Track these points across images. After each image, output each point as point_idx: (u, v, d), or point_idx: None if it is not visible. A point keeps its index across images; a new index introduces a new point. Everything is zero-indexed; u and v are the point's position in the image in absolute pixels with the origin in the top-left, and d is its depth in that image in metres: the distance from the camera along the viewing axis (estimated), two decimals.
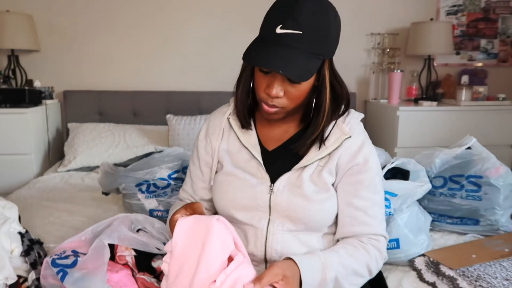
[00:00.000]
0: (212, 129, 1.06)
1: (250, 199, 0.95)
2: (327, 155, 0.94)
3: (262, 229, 0.95)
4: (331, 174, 0.94)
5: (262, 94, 0.90)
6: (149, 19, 2.80)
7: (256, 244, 0.95)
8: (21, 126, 2.36)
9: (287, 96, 0.88)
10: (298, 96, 0.89)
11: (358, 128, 0.97)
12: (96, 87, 2.80)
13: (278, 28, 0.82)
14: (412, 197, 1.36)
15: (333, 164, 0.94)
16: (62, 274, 0.99)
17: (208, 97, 2.78)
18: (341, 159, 0.95)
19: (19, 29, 2.49)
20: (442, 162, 1.57)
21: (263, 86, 0.89)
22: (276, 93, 0.86)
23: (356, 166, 0.94)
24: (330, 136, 0.94)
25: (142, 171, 1.59)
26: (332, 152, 0.94)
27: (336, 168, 0.95)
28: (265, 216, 0.95)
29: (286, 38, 0.81)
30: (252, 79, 0.96)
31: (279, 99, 0.88)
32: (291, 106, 0.90)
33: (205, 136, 1.07)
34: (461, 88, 2.70)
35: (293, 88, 0.87)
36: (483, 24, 3.05)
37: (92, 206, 1.78)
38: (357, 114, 0.99)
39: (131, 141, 2.49)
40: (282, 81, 0.86)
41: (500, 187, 1.47)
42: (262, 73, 0.89)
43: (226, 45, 2.86)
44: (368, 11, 2.94)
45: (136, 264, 1.12)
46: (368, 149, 0.96)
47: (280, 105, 0.89)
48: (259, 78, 0.90)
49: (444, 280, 1.18)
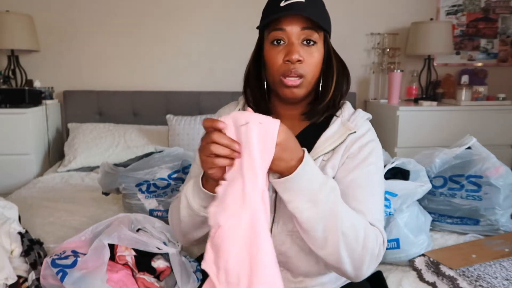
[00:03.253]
0: None
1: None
2: (331, 150, 0.93)
3: None
4: (334, 169, 0.93)
5: (280, 68, 0.90)
6: (149, 19, 2.80)
7: None
8: (21, 126, 2.36)
9: (305, 63, 0.89)
10: (314, 63, 0.91)
11: (364, 125, 0.97)
12: (96, 87, 2.80)
13: (282, 3, 0.87)
14: (412, 197, 1.36)
15: (337, 159, 0.92)
16: (62, 274, 0.99)
17: (208, 97, 2.78)
18: (343, 153, 0.93)
19: (19, 29, 2.49)
20: (442, 162, 1.57)
21: (280, 58, 0.89)
22: (297, 56, 0.87)
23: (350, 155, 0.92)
24: (335, 133, 0.94)
25: (142, 171, 1.59)
26: (336, 148, 0.93)
27: (338, 163, 0.93)
28: (270, 215, 0.93)
29: (291, 7, 0.86)
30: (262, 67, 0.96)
31: (301, 65, 0.89)
32: (310, 75, 0.91)
33: None
34: (461, 88, 2.70)
35: (309, 54, 0.89)
36: (483, 24, 3.05)
37: (92, 206, 1.78)
38: (364, 113, 0.99)
39: (131, 141, 2.49)
40: (298, 46, 0.89)
41: (500, 187, 1.47)
42: (275, 47, 0.90)
43: (226, 45, 2.86)
44: (368, 11, 2.94)
45: (136, 264, 1.12)
46: (366, 140, 0.94)
47: (302, 71, 0.89)
48: (273, 54, 0.91)
49: (444, 280, 1.18)
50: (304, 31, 0.88)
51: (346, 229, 0.79)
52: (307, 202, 0.77)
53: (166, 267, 1.14)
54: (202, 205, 0.84)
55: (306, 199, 0.77)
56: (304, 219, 0.78)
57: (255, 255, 0.69)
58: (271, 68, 0.92)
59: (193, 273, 1.17)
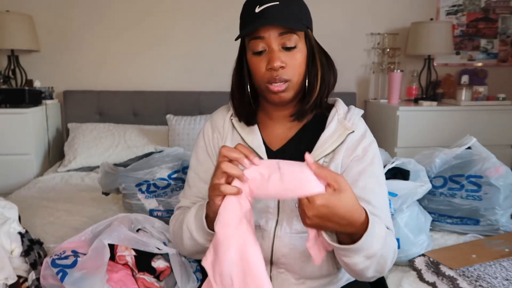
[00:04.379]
0: (216, 129, 1.04)
1: (258, 200, 0.93)
2: (332, 152, 0.93)
3: (269, 231, 0.92)
4: (337, 170, 0.93)
5: (265, 76, 0.91)
6: (149, 19, 2.80)
7: (262, 247, 0.91)
8: (21, 126, 2.36)
9: (288, 68, 0.90)
10: (297, 65, 0.91)
11: (359, 123, 0.98)
12: (96, 87, 2.80)
13: (256, 8, 0.88)
14: (412, 197, 1.36)
15: (338, 160, 0.93)
16: (62, 274, 0.99)
17: (208, 97, 2.78)
18: (345, 154, 0.94)
19: (19, 29, 2.49)
20: (442, 162, 1.57)
21: (263, 66, 0.90)
22: (279, 63, 0.88)
23: (356, 158, 0.93)
24: (334, 133, 0.94)
25: (142, 171, 1.59)
26: (337, 149, 0.93)
27: (341, 164, 0.94)
28: (273, 218, 0.93)
29: (267, 12, 0.86)
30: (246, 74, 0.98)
31: (284, 71, 0.89)
32: (295, 77, 0.91)
33: (207, 137, 1.05)
34: (461, 88, 2.70)
35: (291, 58, 0.89)
36: (483, 24, 3.05)
37: (92, 206, 1.78)
38: (358, 110, 1.00)
39: (131, 141, 2.49)
40: (279, 53, 0.89)
41: (500, 187, 1.47)
42: (256, 55, 0.91)
43: (226, 45, 2.85)
44: (368, 11, 2.94)
45: (136, 264, 1.12)
46: (368, 141, 0.96)
47: (286, 76, 0.89)
48: (256, 62, 0.92)
49: (444, 280, 1.18)
50: (283, 36, 0.88)
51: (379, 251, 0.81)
52: (363, 257, 0.79)
53: (166, 267, 1.14)
54: (207, 239, 0.86)
55: (363, 255, 0.78)
56: (356, 268, 0.81)
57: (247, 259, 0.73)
58: (256, 76, 0.93)
59: (193, 273, 1.17)
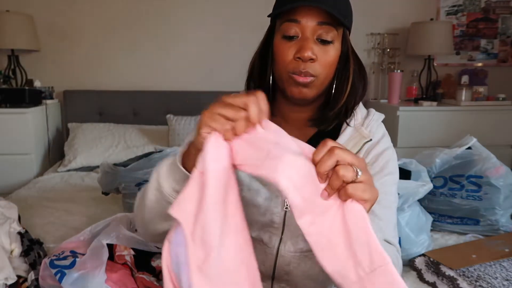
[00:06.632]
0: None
1: (262, 214, 0.84)
2: None
3: (272, 248, 0.85)
4: None
5: (290, 64, 0.79)
6: (149, 19, 2.80)
7: (264, 264, 0.85)
8: (21, 126, 2.36)
9: (318, 62, 0.79)
10: (329, 63, 0.80)
11: (379, 130, 0.88)
12: (96, 87, 2.80)
13: None
14: (414, 196, 1.36)
15: None
16: (60, 275, 0.99)
17: (208, 97, 2.76)
18: None
19: (19, 29, 2.49)
20: (442, 162, 1.57)
21: (291, 54, 0.79)
22: (310, 54, 0.77)
23: (369, 164, 0.84)
24: (349, 141, 0.84)
25: (142, 171, 1.59)
26: None
27: None
28: (277, 234, 0.85)
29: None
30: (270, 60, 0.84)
31: (313, 65, 0.78)
32: (322, 75, 0.80)
33: None
34: (461, 88, 2.69)
35: (323, 53, 0.79)
36: (483, 24, 3.05)
37: (92, 206, 1.78)
38: (378, 115, 0.90)
39: (131, 141, 2.49)
40: (312, 43, 0.78)
41: (500, 187, 1.47)
42: (286, 40, 0.79)
43: (226, 45, 2.86)
44: (368, 11, 2.94)
45: (135, 264, 1.12)
46: (381, 148, 0.86)
47: (313, 71, 0.78)
48: (283, 48, 0.80)
49: (444, 280, 1.18)
50: (321, 26, 0.77)
51: None
52: None
53: None
54: (174, 188, 0.70)
55: None
56: None
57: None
58: (279, 63, 0.81)
59: None
